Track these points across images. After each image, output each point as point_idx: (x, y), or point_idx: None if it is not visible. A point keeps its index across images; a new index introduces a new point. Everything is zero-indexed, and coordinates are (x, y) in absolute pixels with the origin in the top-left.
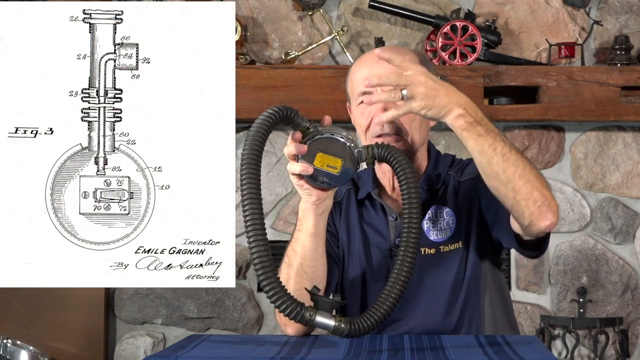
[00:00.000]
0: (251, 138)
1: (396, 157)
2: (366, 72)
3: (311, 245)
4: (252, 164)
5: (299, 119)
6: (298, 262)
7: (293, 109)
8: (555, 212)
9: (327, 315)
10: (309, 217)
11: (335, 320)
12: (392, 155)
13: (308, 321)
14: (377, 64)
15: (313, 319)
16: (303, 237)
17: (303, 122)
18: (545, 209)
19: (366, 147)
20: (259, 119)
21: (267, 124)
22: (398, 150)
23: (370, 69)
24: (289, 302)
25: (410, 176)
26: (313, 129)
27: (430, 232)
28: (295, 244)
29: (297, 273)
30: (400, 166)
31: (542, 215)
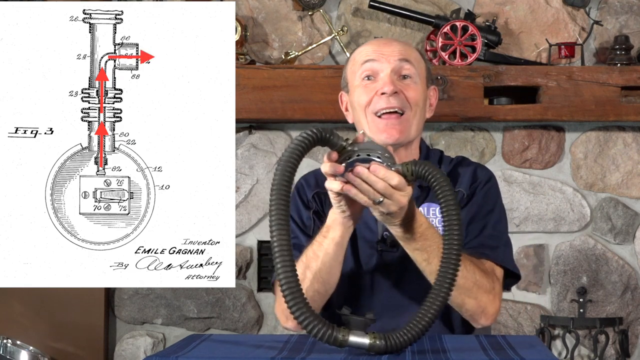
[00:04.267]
0: (283, 164)
1: (434, 176)
2: (372, 48)
3: (333, 254)
4: (282, 194)
5: (335, 139)
6: (317, 266)
7: (328, 129)
8: (491, 315)
9: (361, 334)
10: (337, 227)
11: (369, 337)
12: (430, 173)
13: (342, 343)
14: (383, 44)
15: (347, 340)
16: (327, 243)
17: (339, 142)
18: (478, 315)
19: (404, 165)
20: (292, 143)
21: (299, 148)
22: (436, 169)
23: (377, 47)
24: (320, 326)
25: (449, 195)
26: (350, 147)
27: None
28: (317, 248)
29: (314, 276)
30: (439, 185)
31: (474, 319)
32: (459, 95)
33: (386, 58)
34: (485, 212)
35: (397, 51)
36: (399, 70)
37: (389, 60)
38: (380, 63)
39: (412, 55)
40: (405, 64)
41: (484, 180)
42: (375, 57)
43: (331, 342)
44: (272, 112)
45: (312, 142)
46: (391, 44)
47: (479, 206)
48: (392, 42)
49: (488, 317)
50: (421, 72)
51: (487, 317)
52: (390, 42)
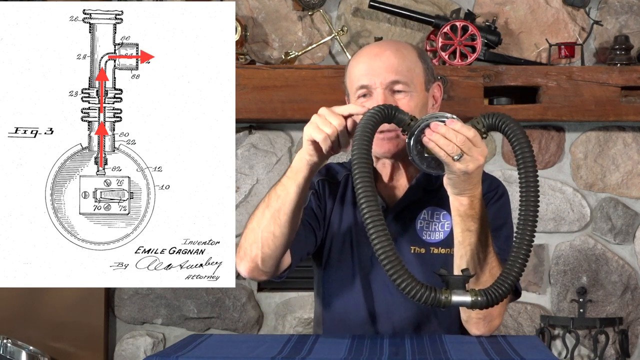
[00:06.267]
0: (357, 144)
1: (510, 127)
2: (364, 67)
3: (294, 196)
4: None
5: (401, 115)
6: (277, 206)
7: (393, 106)
8: (494, 327)
9: (462, 293)
10: (303, 171)
11: (470, 295)
12: (505, 124)
13: (445, 303)
14: (375, 57)
15: (450, 300)
16: (290, 185)
17: (406, 117)
18: (483, 323)
19: (475, 120)
20: (362, 121)
21: (370, 125)
22: (511, 119)
23: (368, 64)
24: (422, 291)
25: (524, 143)
26: (414, 122)
27: (424, 232)
28: (280, 189)
29: (272, 215)
30: (515, 136)
31: (475, 326)
32: (459, 95)
33: (378, 75)
34: (497, 226)
35: (389, 65)
36: (391, 86)
37: (380, 76)
38: (373, 83)
39: (405, 64)
40: (398, 80)
41: (499, 194)
42: (367, 80)
43: (435, 303)
44: (272, 112)
45: (380, 119)
46: (383, 54)
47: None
48: (385, 52)
49: (491, 327)
50: (417, 78)
51: (490, 327)
52: (382, 51)
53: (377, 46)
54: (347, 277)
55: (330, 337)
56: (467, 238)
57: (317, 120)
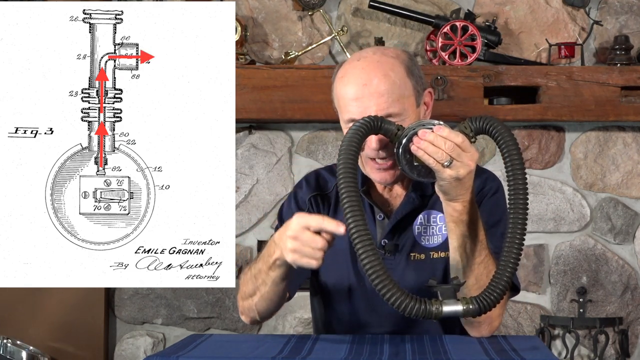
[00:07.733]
0: (343, 156)
1: (497, 129)
2: (352, 95)
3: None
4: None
5: (387, 125)
6: (265, 290)
7: (379, 117)
8: (494, 327)
9: (453, 302)
10: (281, 269)
11: (462, 304)
12: (493, 127)
13: (436, 315)
14: (363, 88)
15: (441, 311)
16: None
17: (392, 128)
18: (484, 325)
19: (461, 124)
20: (348, 133)
21: (356, 137)
22: (498, 121)
23: (356, 94)
24: (412, 304)
25: (512, 145)
26: (401, 132)
27: (422, 238)
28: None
29: (261, 296)
30: (502, 138)
31: (476, 329)
32: (459, 95)
33: (368, 108)
34: (493, 223)
35: (379, 96)
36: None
37: (370, 109)
38: (361, 112)
39: (395, 92)
40: (389, 113)
41: (494, 188)
42: (357, 114)
43: (426, 315)
44: (272, 112)
45: (366, 131)
46: (371, 83)
47: (487, 215)
48: (372, 80)
49: (492, 328)
50: (409, 101)
51: (490, 328)
52: (370, 79)
53: (363, 71)
54: (343, 283)
55: (330, 337)
56: (462, 244)
57: (299, 248)
